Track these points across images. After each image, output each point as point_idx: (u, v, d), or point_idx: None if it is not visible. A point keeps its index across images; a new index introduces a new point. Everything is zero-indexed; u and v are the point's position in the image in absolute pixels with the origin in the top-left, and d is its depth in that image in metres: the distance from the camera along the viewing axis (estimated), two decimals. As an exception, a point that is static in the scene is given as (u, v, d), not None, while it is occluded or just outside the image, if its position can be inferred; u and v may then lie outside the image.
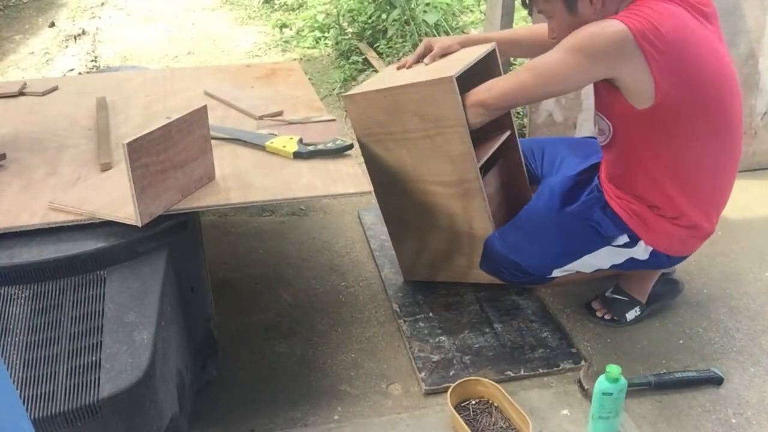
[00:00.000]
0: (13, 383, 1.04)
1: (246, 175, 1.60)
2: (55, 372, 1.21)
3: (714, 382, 1.75)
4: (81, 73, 3.98)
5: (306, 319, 2.00)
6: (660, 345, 1.89)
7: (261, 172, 1.61)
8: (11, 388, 0.73)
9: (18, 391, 1.11)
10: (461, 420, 1.57)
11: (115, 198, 1.46)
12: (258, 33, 4.91)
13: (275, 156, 1.69)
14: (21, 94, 2.15)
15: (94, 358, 1.22)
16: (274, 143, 1.70)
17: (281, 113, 1.95)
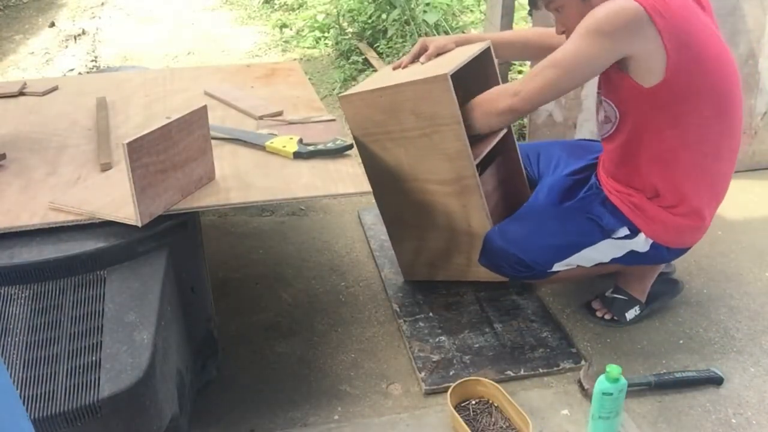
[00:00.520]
0: (13, 383, 1.04)
1: (246, 175, 1.60)
2: (55, 372, 1.21)
3: (714, 382, 1.75)
4: (81, 73, 3.98)
5: (306, 319, 2.00)
6: (660, 345, 1.89)
7: (261, 172, 1.61)
8: (11, 388, 0.73)
9: (18, 391, 1.11)
10: (461, 420, 1.57)
11: (115, 198, 1.46)
12: (258, 33, 4.91)
13: (275, 156, 1.69)
14: (21, 94, 2.15)
15: (94, 358, 1.22)
16: (274, 143, 1.70)
17: (281, 113, 1.95)
